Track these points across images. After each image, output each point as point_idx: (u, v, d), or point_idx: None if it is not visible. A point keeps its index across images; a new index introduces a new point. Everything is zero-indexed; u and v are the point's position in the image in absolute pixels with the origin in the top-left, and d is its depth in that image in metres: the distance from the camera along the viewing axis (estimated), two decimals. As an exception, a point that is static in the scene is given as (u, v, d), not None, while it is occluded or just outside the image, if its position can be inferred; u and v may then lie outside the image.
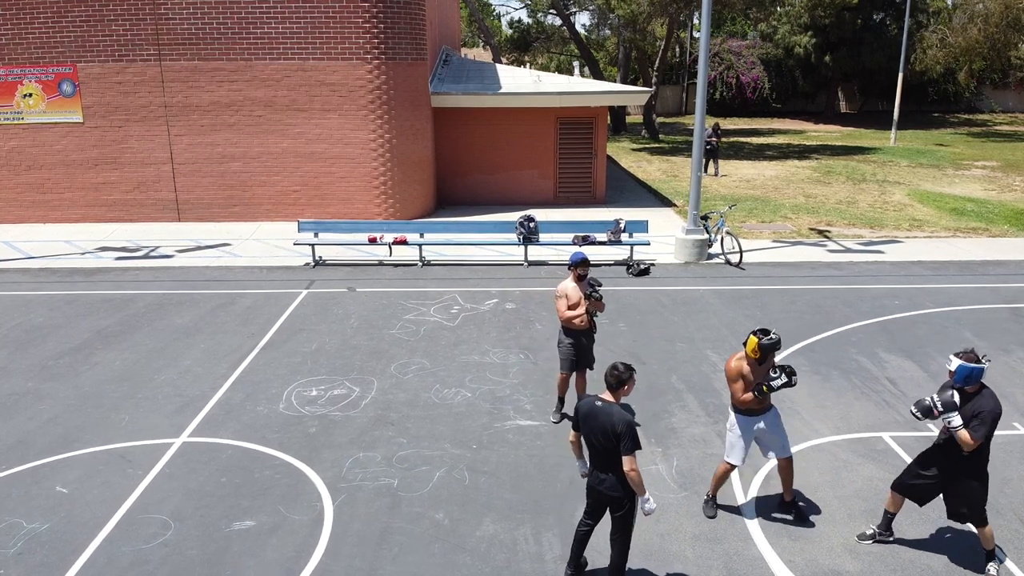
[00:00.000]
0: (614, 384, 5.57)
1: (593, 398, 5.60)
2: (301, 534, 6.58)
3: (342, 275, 14.07)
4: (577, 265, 8.20)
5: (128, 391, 9.33)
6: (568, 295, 8.17)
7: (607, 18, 35.51)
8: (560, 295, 8.22)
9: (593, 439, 5.47)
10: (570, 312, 8.14)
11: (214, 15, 16.70)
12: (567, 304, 8.16)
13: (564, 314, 8.19)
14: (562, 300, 8.19)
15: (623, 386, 5.58)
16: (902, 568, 6.13)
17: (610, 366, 5.64)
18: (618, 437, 5.32)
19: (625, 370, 5.60)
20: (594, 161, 19.99)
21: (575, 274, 8.22)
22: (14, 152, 17.62)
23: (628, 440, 5.31)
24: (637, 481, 5.38)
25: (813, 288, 13.14)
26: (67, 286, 13.49)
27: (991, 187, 22.70)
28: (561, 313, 8.21)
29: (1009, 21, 32.52)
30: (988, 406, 5.78)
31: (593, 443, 5.49)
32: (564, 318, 8.21)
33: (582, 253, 8.22)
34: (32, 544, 6.45)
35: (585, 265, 8.21)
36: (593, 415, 5.47)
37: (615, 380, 5.57)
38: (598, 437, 5.43)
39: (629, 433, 5.32)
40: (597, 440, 5.44)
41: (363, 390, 9.32)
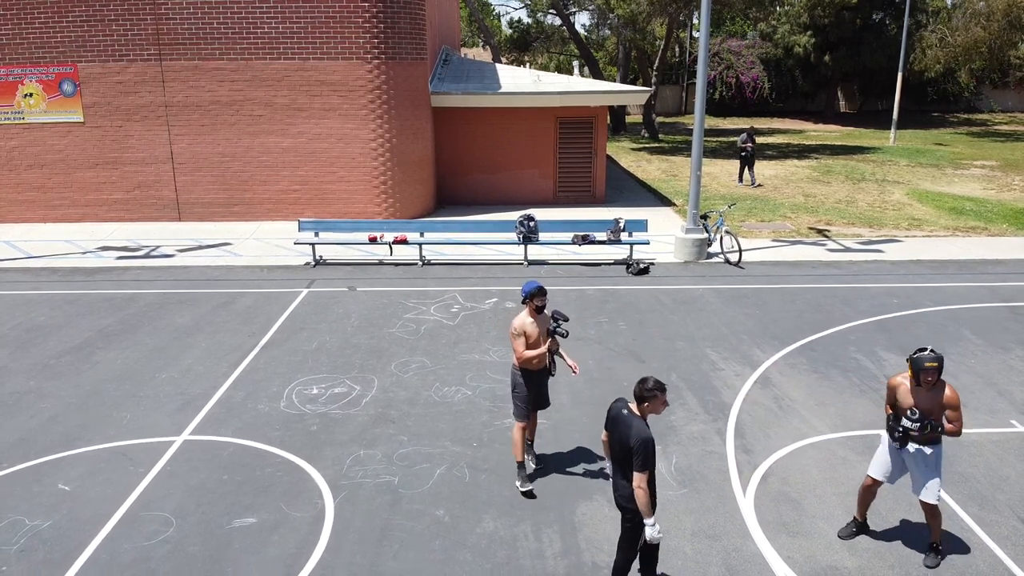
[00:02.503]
0: (637, 397, 5.36)
1: (623, 403, 5.49)
2: (302, 531, 6.62)
3: (342, 274, 14.11)
4: (533, 296, 7.05)
5: (129, 390, 9.36)
6: (527, 332, 7.06)
7: (607, 18, 35.53)
8: (518, 332, 7.06)
9: (614, 446, 5.44)
10: (529, 352, 7.03)
11: (214, 15, 16.73)
12: (526, 343, 7.08)
13: (523, 355, 7.05)
14: (521, 339, 7.06)
15: (644, 402, 5.32)
16: (900, 564, 6.16)
17: (642, 378, 5.38)
18: (631, 451, 5.19)
19: (654, 386, 5.28)
20: (594, 161, 20.02)
21: (532, 307, 7.07)
22: (15, 152, 17.65)
23: (639, 457, 5.14)
24: (643, 501, 5.19)
25: (812, 287, 13.17)
26: (68, 285, 13.53)
27: (990, 186, 22.73)
28: (520, 354, 7.07)
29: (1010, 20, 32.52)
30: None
31: (614, 449, 5.46)
32: (523, 359, 7.07)
33: (537, 282, 7.11)
34: (34, 541, 6.49)
35: (542, 296, 7.07)
36: (617, 420, 5.40)
37: (637, 393, 5.34)
38: (616, 444, 5.39)
39: (641, 450, 5.14)
40: (616, 448, 5.41)
41: (364, 388, 9.35)
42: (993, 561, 6.20)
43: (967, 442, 8.03)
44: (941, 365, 5.87)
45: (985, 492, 7.15)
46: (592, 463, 7.68)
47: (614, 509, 6.84)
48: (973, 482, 7.30)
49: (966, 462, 7.65)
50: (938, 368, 5.86)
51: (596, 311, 12.05)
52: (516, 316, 7.20)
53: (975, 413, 8.68)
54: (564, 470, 7.53)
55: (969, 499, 7.03)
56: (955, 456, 7.76)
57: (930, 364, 5.84)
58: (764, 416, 8.65)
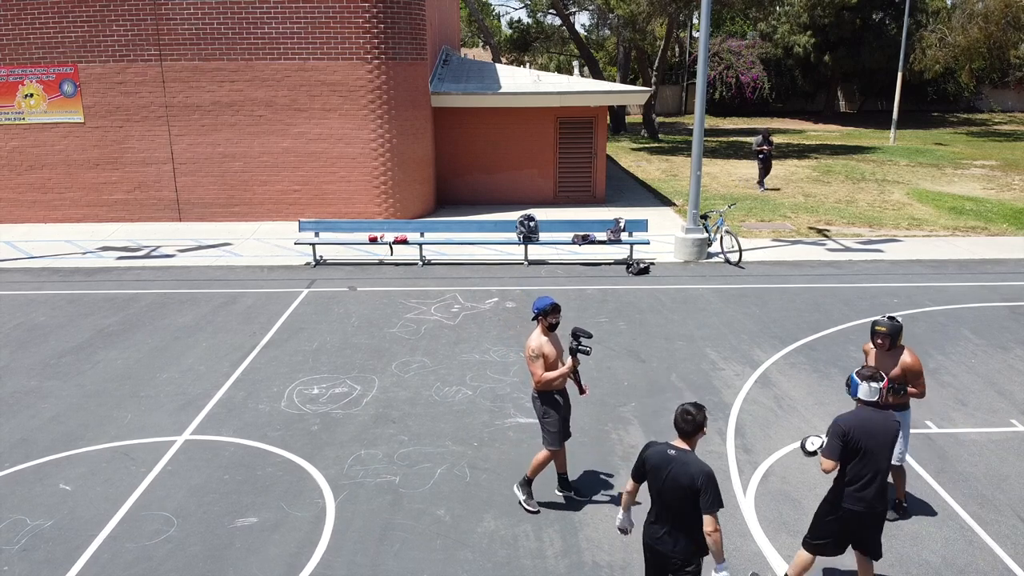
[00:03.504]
0: (689, 430, 4.81)
1: (665, 446, 4.88)
2: (303, 530, 6.63)
3: (343, 274, 14.12)
4: (547, 313, 6.56)
5: (130, 389, 9.38)
6: (545, 353, 6.51)
7: (607, 18, 35.54)
8: (536, 355, 6.50)
9: (665, 494, 4.80)
10: (549, 374, 6.51)
11: (215, 15, 16.75)
12: (544, 365, 6.56)
13: (544, 377, 6.50)
14: (540, 361, 6.50)
15: (700, 431, 4.83)
16: (900, 563, 6.18)
17: (680, 409, 4.85)
18: (697, 492, 4.66)
19: (698, 411, 4.81)
20: (594, 161, 20.03)
21: (545, 324, 6.59)
22: (15, 152, 17.66)
23: (711, 496, 4.65)
24: (719, 545, 4.68)
25: (812, 287, 13.18)
26: (69, 286, 13.54)
27: (990, 186, 22.74)
28: (539, 377, 6.51)
29: (1009, 20, 32.53)
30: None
31: (665, 498, 4.81)
32: (544, 382, 6.53)
33: (550, 298, 6.62)
34: (36, 541, 6.50)
35: (556, 313, 6.59)
36: (663, 465, 4.80)
37: (691, 425, 4.79)
38: (672, 492, 4.76)
39: (712, 488, 4.66)
40: (670, 495, 4.77)
41: (364, 388, 9.36)
42: (993, 560, 6.21)
43: (967, 442, 8.05)
44: (892, 332, 6.29)
45: (985, 491, 7.16)
46: (592, 463, 7.68)
47: (614, 508, 6.87)
48: (973, 481, 7.31)
49: (966, 462, 7.66)
50: (887, 333, 6.29)
51: (596, 311, 12.06)
52: (530, 337, 6.65)
53: (975, 413, 8.70)
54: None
55: (969, 498, 7.04)
56: (955, 456, 7.77)
57: (879, 329, 6.34)
58: (764, 416, 8.66)
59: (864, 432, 5.28)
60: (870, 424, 5.30)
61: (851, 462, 5.33)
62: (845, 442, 5.31)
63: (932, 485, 7.26)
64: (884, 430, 5.29)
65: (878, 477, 5.31)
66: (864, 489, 5.32)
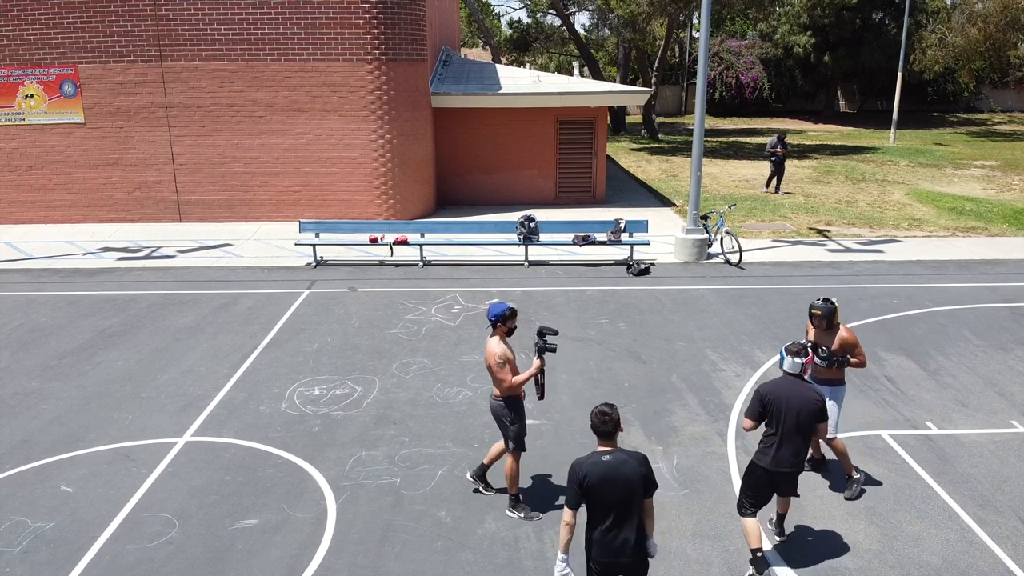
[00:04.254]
0: (610, 430, 4.81)
1: (595, 457, 4.80)
2: (304, 532, 6.63)
3: (343, 275, 14.12)
4: (506, 319, 6.55)
5: (131, 391, 9.38)
6: (510, 358, 6.52)
7: (607, 18, 35.56)
8: (502, 361, 6.47)
9: (614, 500, 4.72)
10: (519, 378, 6.51)
11: (215, 16, 16.75)
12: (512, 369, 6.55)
13: (514, 382, 6.49)
14: (507, 367, 6.49)
15: (619, 428, 4.85)
16: (900, 565, 6.18)
17: (596, 411, 4.84)
18: (646, 478, 4.76)
19: (613, 410, 4.83)
20: (594, 161, 20.04)
21: (504, 330, 6.59)
22: (15, 153, 17.66)
23: (653, 479, 4.84)
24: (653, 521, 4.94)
25: (812, 287, 13.19)
26: (69, 287, 13.54)
27: (990, 186, 22.75)
28: (510, 383, 6.49)
29: (1008, 21, 32.55)
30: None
31: (618, 504, 4.74)
32: (513, 387, 6.51)
33: (505, 304, 6.61)
34: (37, 543, 6.50)
35: (514, 317, 6.60)
36: (613, 471, 4.72)
37: (610, 425, 4.79)
38: (623, 492, 4.72)
39: (651, 469, 4.84)
40: (622, 497, 4.72)
41: (365, 389, 9.37)
42: (994, 561, 6.21)
43: (968, 443, 8.05)
44: (827, 313, 6.98)
45: (986, 493, 7.16)
46: (593, 464, 7.68)
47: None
48: (974, 483, 7.32)
49: (967, 463, 7.67)
50: (823, 316, 7.00)
51: (596, 312, 12.07)
52: (490, 344, 6.56)
53: (975, 413, 8.70)
54: (565, 471, 7.52)
55: (970, 500, 7.05)
56: (956, 457, 7.78)
57: (815, 312, 7.03)
58: (765, 417, 8.66)
59: (781, 399, 5.91)
60: (788, 393, 5.92)
61: (770, 426, 5.98)
62: (763, 405, 5.98)
63: (933, 486, 7.26)
64: (800, 400, 5.88)
65: (789, 441, 5.91)
66: (777, 450, 5.95)
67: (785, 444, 5.92)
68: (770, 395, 5.95)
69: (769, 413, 5.96)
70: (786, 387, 5.95)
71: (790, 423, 5.87)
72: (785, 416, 5.88)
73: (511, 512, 6.84)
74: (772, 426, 5.96)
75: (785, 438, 5.91)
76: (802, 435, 5.92)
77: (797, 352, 5.99)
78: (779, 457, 5.95)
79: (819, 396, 5.95)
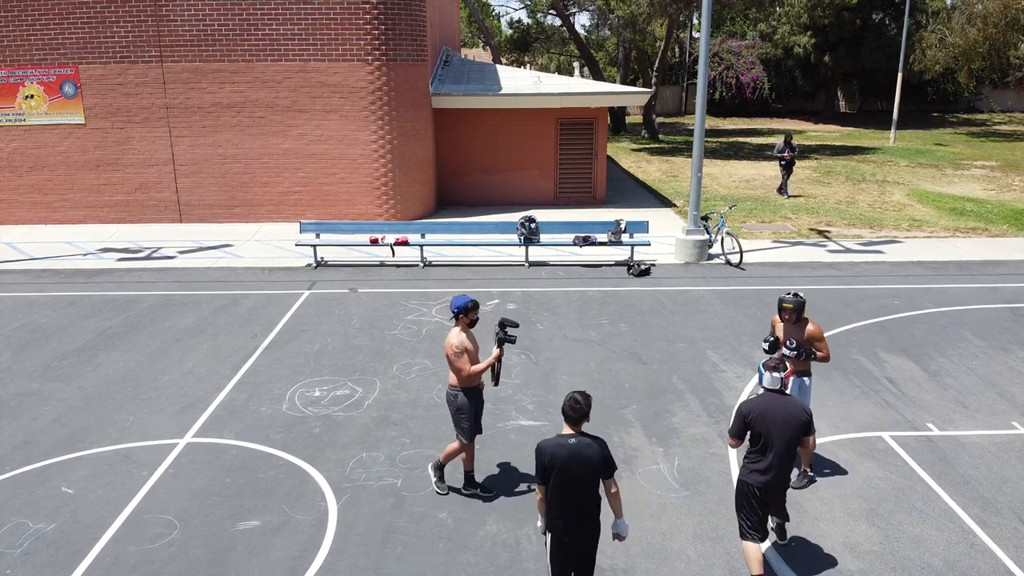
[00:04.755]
0: (576, 417, 5.09)
1: (560, 440, 5.08)
2: (306, 533, 6.63)
3: (344, 276, 14.12)
4: (468, 311, 6.78)
5: (132, 392, 9.38)
6: (468, 349, 6.73)
7: (607, 18, 35.54)
8: (460, 351, 6.68)
9: (578, 481, 5.02)
10: (477, 367, 6.74)
11: (216, 17, 16.75)
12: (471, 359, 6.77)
13: (471, 372, 6.71)
14: (465, 357, 6.70)
15: (586, 418, 5.12)
16: (902, 566, 6.18)
17: (569, 398, 5.11)
18: (606, 461, 5.05)
19: (584, 400, 5.11)
20: (594, 161, 20.04)
21: (466, 322, 6.80)
22: (16, 153, 17.66)
23: (612, 462, 5.09)
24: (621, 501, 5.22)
25: (813, 288, 13.19)
26: (70, 287, 13.54)
27: (990, 187, 22.75)
28: (468, 372, 6.71)
29: (1008, 21, 32.55)
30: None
31: (579, 485, 5.04)
32: (470, 376, 6.75)
33: (467, 296, 6.82)
34: (38, 544, 6.50)
35: (476, 310, 6.83)
36: (576, 455, 5.00)
37: (578, 413, 5.08)
38: (584, 475, 5.01)
39: (609, 452, 5.10)
40: (582, 479, 5.02)
41: (366, 390, 9.37)
42: (994, 563, 6.22)
43: (968, 444, 8.06)
44: (797, 307, 7.12)
45: (987, 494, 7.16)
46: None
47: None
48: (975, 484, 7.32)
49: (967, 464, 7.67)
50: (793, 309, 7.12)
51: (597, 312, 12.07)
52: (450, 335, 6.76)
53: (976, 415, 8.70)
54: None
55: (971, 501, 7.05)
56: (956, 458, 7.78)
57: (786, 305, 7.15)
58: (766, 418, 8.66)
59: (765, 416, 5.77)
60: (772, 409, 5.78)
61: (755, 443, 5.84)
62: (746, 423, 5.85)
63: (934, 488, 7.26)
64: (786, 415, 5.76)
65: (777, 457, 5.76)
66: (764, 467, 5.80)
67: (771, 461, 5.75)
68: (753, 412, 5.79)
69: (753, 431, 5.81)
70: (769, 403, 5.79)
71: (776, 439, 5.72)
72: (771, 432, 5.72)
73: (431, 470, 7.27)
74: (756, 443, 5.80)
75: (772, 454, 5.75)
76: (788, 450, 5.78)
77: (775, 367, 5.86)
78: (766, 474, 5.78)
79: (805, 411, 5.82)
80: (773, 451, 5.74)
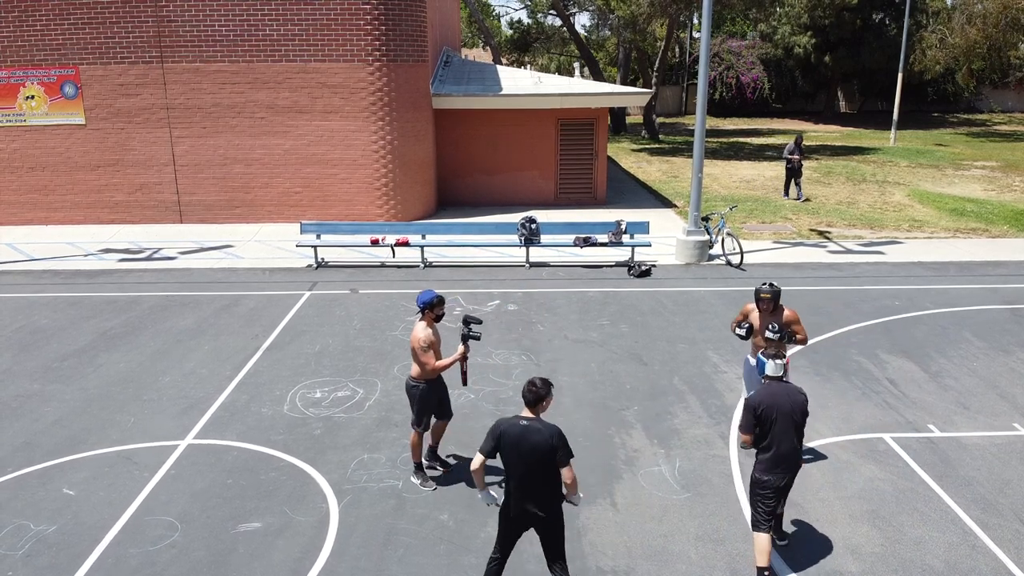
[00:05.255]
0: (532, 400, 5.35)
1: (515, 419, 5.35)
2: (307, 535, 6.63)
3: (344, 277, 14.12)
4: (433, 306, 7.05)
5: (133, 393, 9.38)
6: (434, 344, 7.05)
7: (607, 19, 35.53)
8: (426, 345, 6.95)
9: (527, 460, 5.25)
10: (442, 362, 7.04)
11: (216, 17, 16.75)
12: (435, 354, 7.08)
13: (436, 366, 7.00)
14: (431, 352, 7.00)
15: (542, 402, 5.37)
16: (903, 568, 6.18)
17: (528, 383, 5.38)
18: (554, 450, 5.21)
19: (543, 385, 5.38)
20: (595, 162, 20.05)
21: (431, 316, 7.08)
22: (16, 154, 17.66)
23: (564, 450, 5.24)
24: (577, 485, 5.38)
25: (814, 289, 13.19)
26: (70, 288, 13.54)
27: (991, 187, 22.75)
28: (433, 366, 6.99)
29: (1008, 21, 32.56)
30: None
31: (524, 467, 5.27)
32: (435, 370, 7.03)
33: (433, 291, 7.12)
34: (40, 546, 6.50)
35: (442, 305, 7.13)
36: (524, 436, 5.24)
37: (534, 397, 5.35)
38: (532, 456, 5.22)
39: (563, 443, 5.25)
40: (532, 460, 5.23)
41: (367, 391, 9.37)
42: (996, 565, 6.22)
43: (970, 445, 8.06)
44: (775, 296, 7.40)
45: (988, 496, 7.16)
46: (595, 467, 7.69)
47: (618, 513, 6.89)
48: (976, 486, 7.32)
49: (968, 466, 7.67)
50: (771, 299, 7.40)
51: (598, 313, 12.07)
52: (416, 329, 7.02)
53: (977, 416, 8.71)
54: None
55: (972, 503, 7.05)
56: (958, 460, 7.78)
57: (764, 296, 7.41)
58: (767, 419, 8.66)
59: (774, 407, 5.91)
60: (779, 399, 5.94)
61: (766, 434, 5.94)
62: (757, 417, 5.93)
63: (935, 489, 7.27)
64: (791, 402, 5.94)
65: (788, 444, 5.91)
66: (779, 457, 5.93)
67: (785, 449, 5.90)
68: (763, 404, 5.91)
69: (764, 421, 5.90)
70: (774, 392, 5.97)
71: (786, 426, 5.88)
72: (780, 421, 5.88)
73: (414, 478, 7.43)
74: (767, 433, 5.91)
75: (784, 443, 5.90)
76: (797, 433, 5.96)
77: (775, 356, 6.07)
78: (783, 464, 5.92)
79: (803, 393, 6.04)
80: (785, 438, 5.90)
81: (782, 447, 5.90)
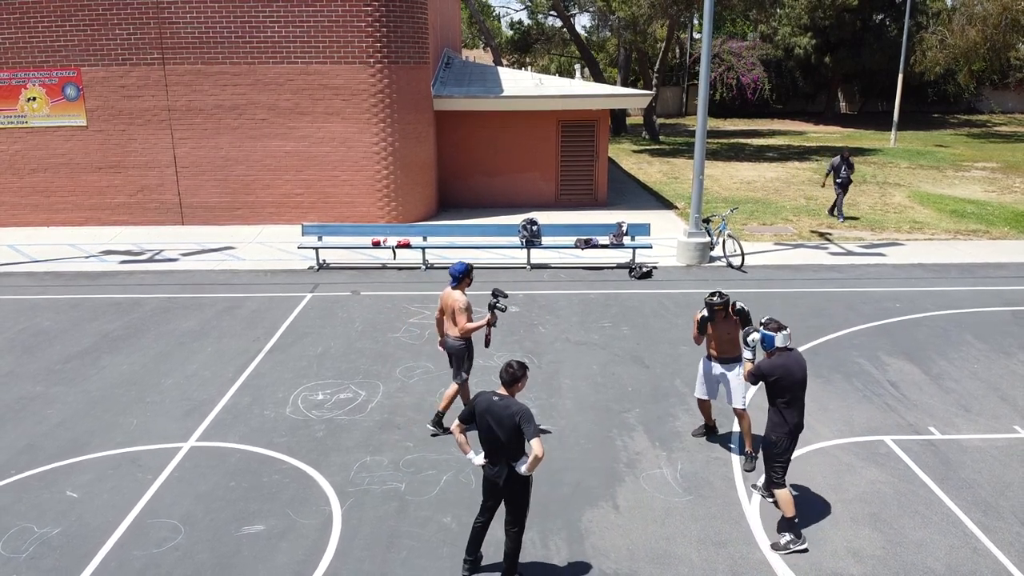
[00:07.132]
0: (508, 380, 5.78)
1: (491, 394, 5.78)
2: (310, 538, 6.65)
3: (346, 278, 14.14)
4: (468, 273, 8.16)
5: (136, 395, 9.40)
6: (469, 306, 8.10)
7: (607, 20, 35.58)
8: (465, 306, 7.99)
9: (492, 433, 5.69)
10: (472, 324, 8.03)
11: (218, 19, 16.78)
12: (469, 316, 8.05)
13: (468, 327, 8.01)
14: (467, 312, 8.01)
15: (516, 383, 5.78)
16: (904, 570, 6.20)
17: (505, 364, 5.81)
18: (517, 428, 5.59)
19: (519, 367, 5.80)
20: (596, 163, 20.07)
21: (467, 283, 8.18)
22: (18, 156, 17.69)
23: (531, 426, 5.57)
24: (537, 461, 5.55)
25: (814, 291, 13.21)
26: (72, 290, 13.56)
27: (991, 188, 22.77)
28: (463, 326, 8.01)
29: (1008, 23, 32.59)
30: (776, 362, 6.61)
31: (491, 437, 5.71)
32: (467, 330, 8.03)
33: (464, 262, 8.16)
34: (43, 549, 6.52)
35: (472, 272, 8.22)
36: (492, 408, 5.68)
37: (509, 377, 5.78)
38: (500, 428, 5.64)
39: (529, 420, 5.58)
40: (496, 433, 5.66)
41: (369, 394, 9.39)
42: (997, 567, 6.23)
43: (971, 448, 8.08)
44: (727, 304, 7.78)
45: (989, 498, 7.18)
46: (598, 470, 7.71)
47: (620, 515, 6.91)
48: (977, 488, 7.34)
49: (969, 468, 7.69)
50: (724, 307, 7.77)
51: (599, 315, 12.09)
52: (454, 293, 8.00)
53: (978, 418, 8.72)
54: (570, 476, 7.57)
55: (973, 505, 7.07)
56: (958, 462, 7.80)
57: (717, 307, 7.74)
58: (768, 421, 8.67)
59: (790, 372, 6.47)
60: (790, 364, 6.51)
61: (783, 398, 6.48)
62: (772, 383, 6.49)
63: (936, 492, 7.28)
64: (801, 369, 6.53)
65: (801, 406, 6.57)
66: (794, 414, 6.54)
67: (797, 408, 6.52)
68: (777, 371, 6.45)
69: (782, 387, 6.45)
70: (787, 361, 6.50)
71: (799, 394, 6.49)
72: (796, 384, 6.46)
73: (430, 425, 8.38)
74: (785, 398, 6.46)
75: (797, 410, 6.51)
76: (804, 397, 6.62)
77: (779, 327, 6.58)
78: (796, 419, 6.52)
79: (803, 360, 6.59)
80: (797, 405, 6.51)
81: (797, 408, 6.50)
